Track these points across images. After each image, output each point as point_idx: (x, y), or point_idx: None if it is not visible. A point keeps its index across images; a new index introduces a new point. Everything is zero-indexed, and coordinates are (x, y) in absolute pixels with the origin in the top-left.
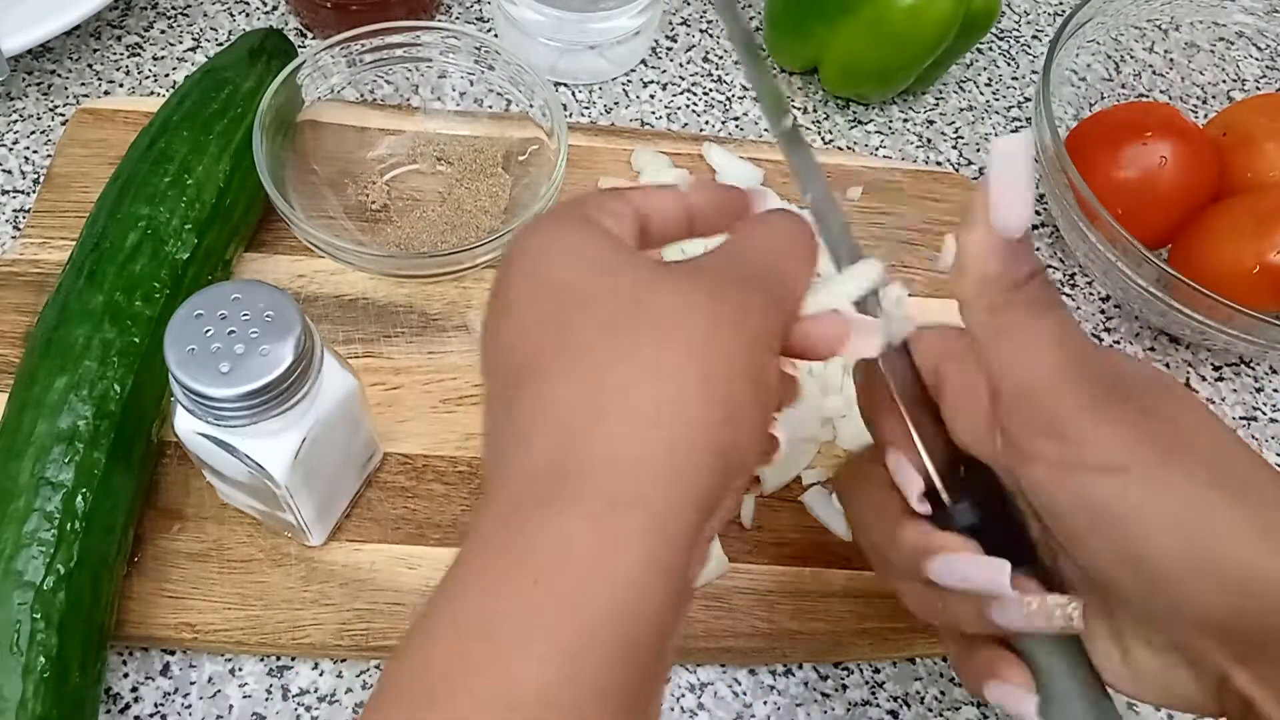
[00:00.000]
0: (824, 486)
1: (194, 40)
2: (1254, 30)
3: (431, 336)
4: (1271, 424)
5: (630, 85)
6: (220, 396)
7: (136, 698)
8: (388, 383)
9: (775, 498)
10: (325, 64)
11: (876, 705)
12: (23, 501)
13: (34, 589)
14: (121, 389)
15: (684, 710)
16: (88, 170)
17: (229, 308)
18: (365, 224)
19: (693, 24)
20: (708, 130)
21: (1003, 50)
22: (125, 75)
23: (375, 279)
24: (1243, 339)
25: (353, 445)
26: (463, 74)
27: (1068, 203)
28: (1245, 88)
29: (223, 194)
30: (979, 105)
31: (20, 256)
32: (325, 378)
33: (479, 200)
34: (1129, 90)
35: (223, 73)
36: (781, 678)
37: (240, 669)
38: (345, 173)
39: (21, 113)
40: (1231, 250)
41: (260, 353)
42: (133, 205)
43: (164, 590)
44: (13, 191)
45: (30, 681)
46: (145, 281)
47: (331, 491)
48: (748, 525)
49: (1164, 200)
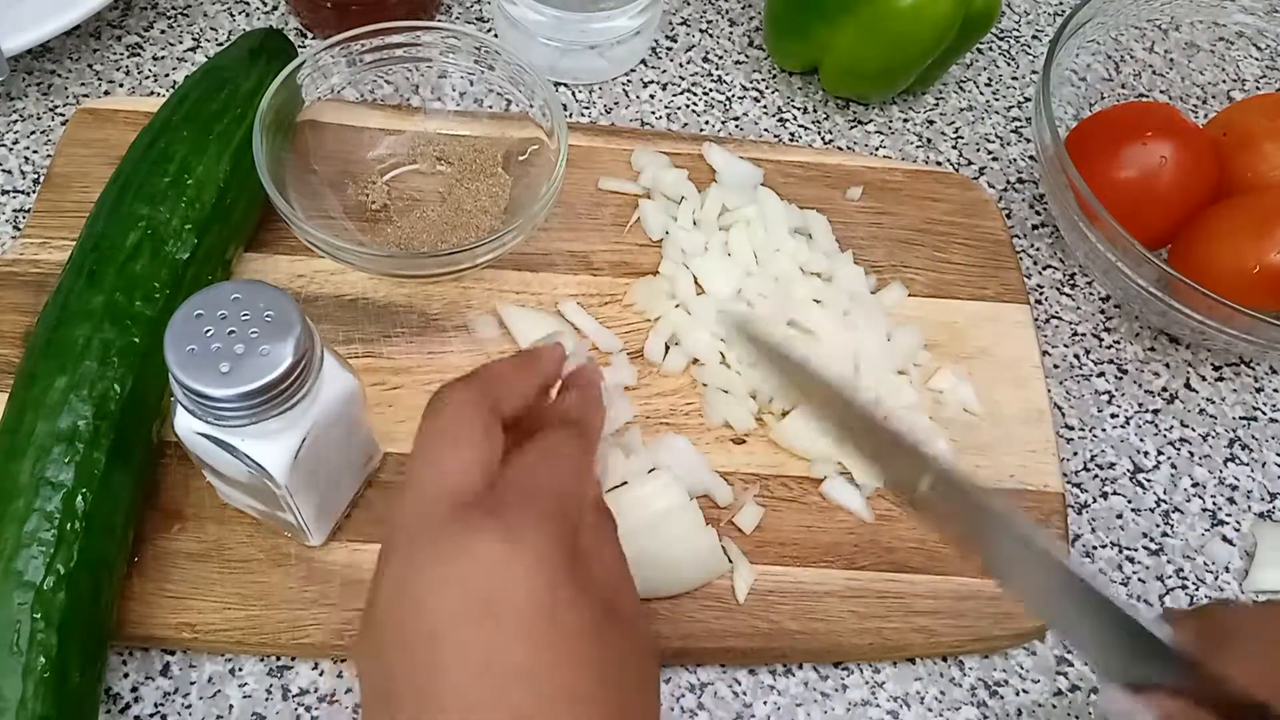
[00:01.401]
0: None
1: (194, 40)
2: (1254, 30)
3: (431, 336)
4: (1271, 424)
5: (630, 85)
6: (220, 396)
7: (136, 698)
8: (388, 383)
9: (776, 498)
10: (325, 64)
11: (876, 705)
12: (23, 501)
13: (34, 589)
14: (122, 389)
15: (684, 710)
16: (88, 170)
17: (229, 308)
18: (365, 224)
19: (693, 24)
20: (708, 130)
21: (1003, 50)
22: (125, 75)
23: (375, 279)
24: (1243, 339)
25: (353, 445)
26: (463, 74)
27: (1068, 203)
28: (1245, 88)
29: (223, 194)
30: (979, 105)
31: (20, 256)
32: (325, 378)
33: (479, 200)
34: (1129, 90)
35: (223, 73)
36: (781, 678)
37: (240, 669)
38: (345, 173)
39: (21, 113)
40: (1231, 250)
41: (260, 353)
42: (133, 205)
43: (164, 590)
44: (13, 191)
45: (30, 682)
46: (145, 281)
47: (331, 491)
48: (748, 533)
49: (1164, 200)
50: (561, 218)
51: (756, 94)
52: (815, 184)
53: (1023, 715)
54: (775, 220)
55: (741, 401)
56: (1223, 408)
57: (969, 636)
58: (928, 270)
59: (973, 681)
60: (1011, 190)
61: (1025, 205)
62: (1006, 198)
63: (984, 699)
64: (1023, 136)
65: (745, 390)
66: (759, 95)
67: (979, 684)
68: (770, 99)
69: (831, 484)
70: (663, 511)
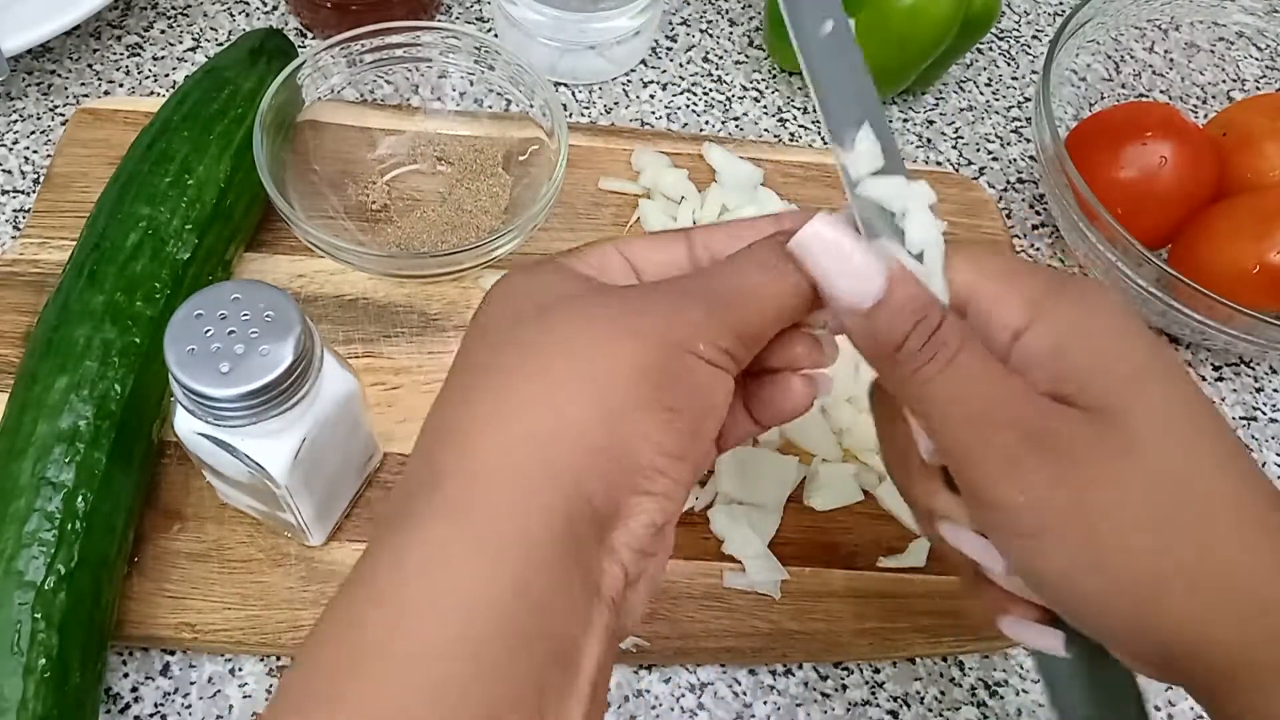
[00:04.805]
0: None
1: (194, 40)
2: (1254, 30)
3: (431, 336)
4: (1271, 424)
5: (630, 85)
6: (220, 396)
7: (136, 698)
8: (388, 383)
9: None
10: (325, 64)
11: (876, 705)
12: (23, 501)
13: (35, 589)
14: (122, 389)
15: (684, 710)
16: (88, 170)
17: (229, 308)
18: (365, 224)
19: (693, 24)
20: (708, 130)
21: (1003, 50)
22: (125, 75)
23: (375, 279)
24: (1243, 339)
25: (353, 445)
26: (463, 74)
27: (1068, 203)
28: (1245, 88)
29: (223, 194)
30: (979, 105)
31: (20, 256)
32: (325, 378)
33: (479, 200)
34: (1129, 90)
35: (223, 73)
36: (781, 678)
37: (240, 669)
38: (345, 173)
39: (21, 113)
40: (1231, 250)
41: (260, 353)
42: (133, 205)
43: (164, 590)
44: (13, 191)
45: (31, 681)
46: (146, 281)
47: (331, 491)
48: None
49: (1164, 200)
50: (561, 218)
51: (756, 94)
52: (815, 184)
53: (1023, 715)
54: None
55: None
56: (1223, 408)
57: (969, 636)
58: None
59: (973, 681)
60: (1011, 190)
61: (1025, 205)
62: (1006, 198)
63: (984, 699)
64: (1023, 136)
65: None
66: (759, 95)
67: (979, 684)
68: (770, 99)
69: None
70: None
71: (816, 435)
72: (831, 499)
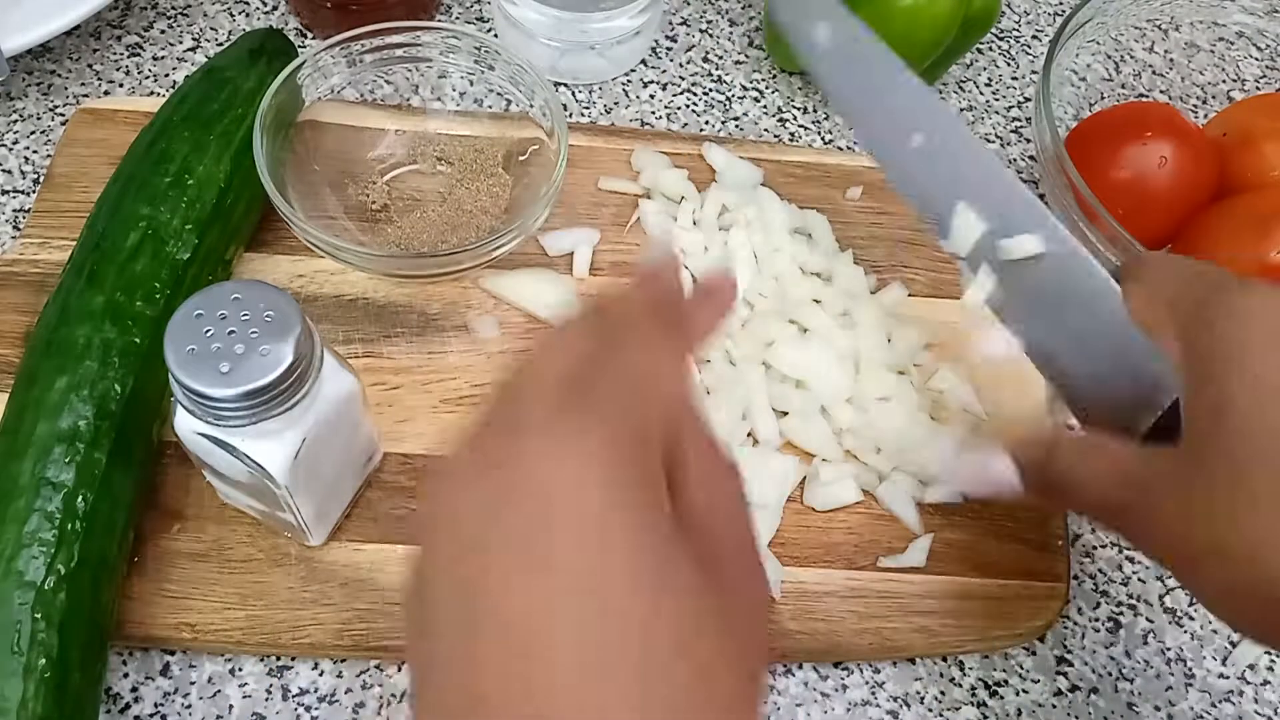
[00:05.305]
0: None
1: (194, 40)
2: (1254, 30)
3: (431, 336)
4: None
5: (630, 85)
6: (220, 396)
7: (136, 698)
8: (388, 383)
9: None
10: (325, 64)
11: (876, 705)
12: (23, 502)
13: (35, 589)
14: (122, 389)
15: None
16: (88, 170)
17: (229, 308)
18: (365, 224)
19: (693, 24)
20: (708, 130)
21: (1003, 50)
22: (125, 75)
23: (375, 279)
24: None
25: (353, 445)
26: (463, 74)
27: (1068, 203)
28: (1245, 88)
29: (223, 194)
30: (979, 105)
31: (20, 256)
32: (325, 378)
33: (479, 200)
34: (1129, 90)
35: (223, 73)
36: (781, 678)
37: (240, 669)
38: (345, 173)
39: (21, 113)
40: (1231, 250)
41: (260, 353)
42: (133, 205)
43: (164, 590)
44: (13, 191)
45: (31, 682)
46: (146, 281)
47: (331, 491)
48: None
49: (1164, 200)
50: (561, 218)
51: (756, 94)
52: (815, 184)
53: (1023, 715)
54: (775, 220)
55: (742, 401)
56: None
57: (969, 636)
58: (928, 270)
59: (973, 681)
60: None
61: None
62: None
63: (984, 699)
64: (1023, 136)
65: (748, 390)
66: (759, 95)
67: (979, 684)
68: (770, 99)
69: (832, 486)
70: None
71: (816, 435)
72: (831, 499)
